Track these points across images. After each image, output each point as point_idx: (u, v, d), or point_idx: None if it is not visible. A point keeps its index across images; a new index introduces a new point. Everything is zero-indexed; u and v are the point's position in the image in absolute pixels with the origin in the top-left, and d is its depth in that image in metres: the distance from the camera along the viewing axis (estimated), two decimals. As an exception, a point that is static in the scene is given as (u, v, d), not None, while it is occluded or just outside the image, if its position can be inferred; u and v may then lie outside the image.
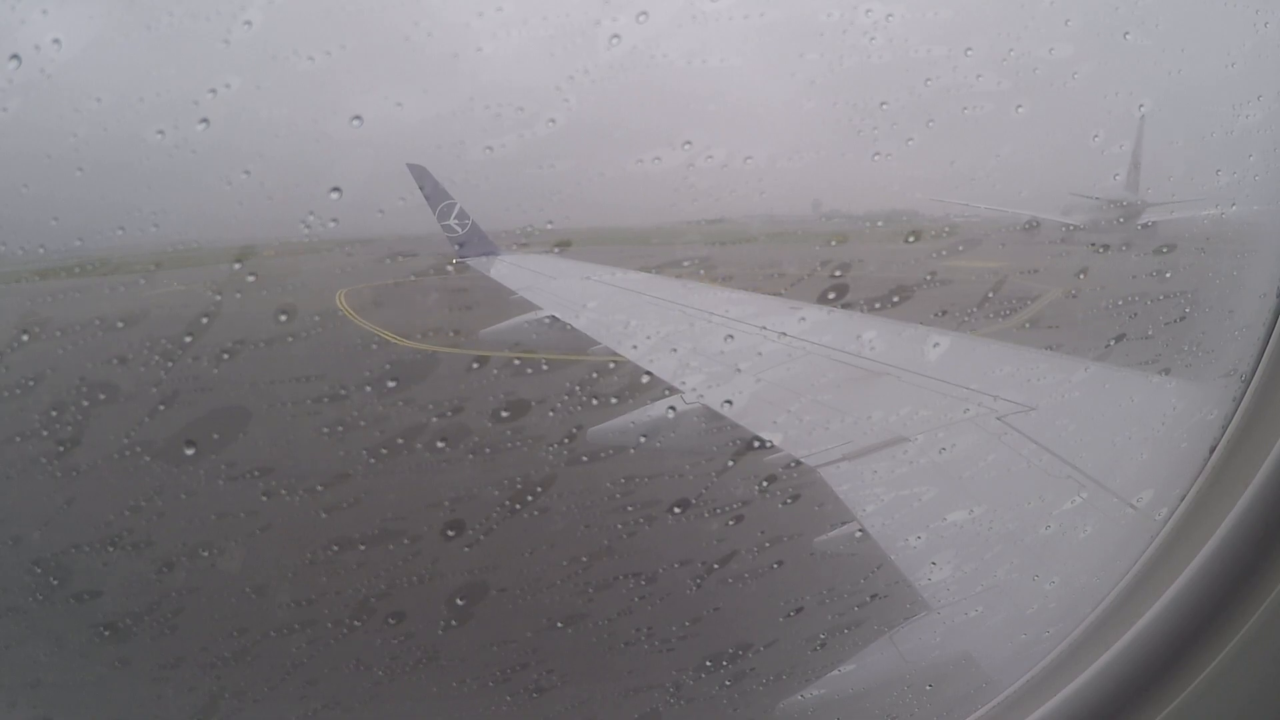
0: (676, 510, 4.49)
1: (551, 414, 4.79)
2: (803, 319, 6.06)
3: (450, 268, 9.16)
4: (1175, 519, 2.00)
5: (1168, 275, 3.97)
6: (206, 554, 4.66)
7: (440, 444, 4.91)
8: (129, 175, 3.25)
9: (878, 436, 4.75)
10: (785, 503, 4.33)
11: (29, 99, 2.80)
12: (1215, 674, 1.63)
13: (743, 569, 4.39)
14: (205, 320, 3.57)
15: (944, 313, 5.79)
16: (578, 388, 5.15)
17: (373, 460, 4.60)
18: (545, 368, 5.16)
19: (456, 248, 10.07)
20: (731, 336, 6.53)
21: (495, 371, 5.37)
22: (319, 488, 4.89)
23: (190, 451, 3.82)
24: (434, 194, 9.22)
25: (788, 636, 4.18)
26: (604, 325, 7.46)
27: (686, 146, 3.89)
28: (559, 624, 4.67)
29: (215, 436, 4.19)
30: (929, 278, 4.61)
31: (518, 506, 4.79)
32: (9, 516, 4.56)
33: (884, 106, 3.79)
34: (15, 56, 2.68)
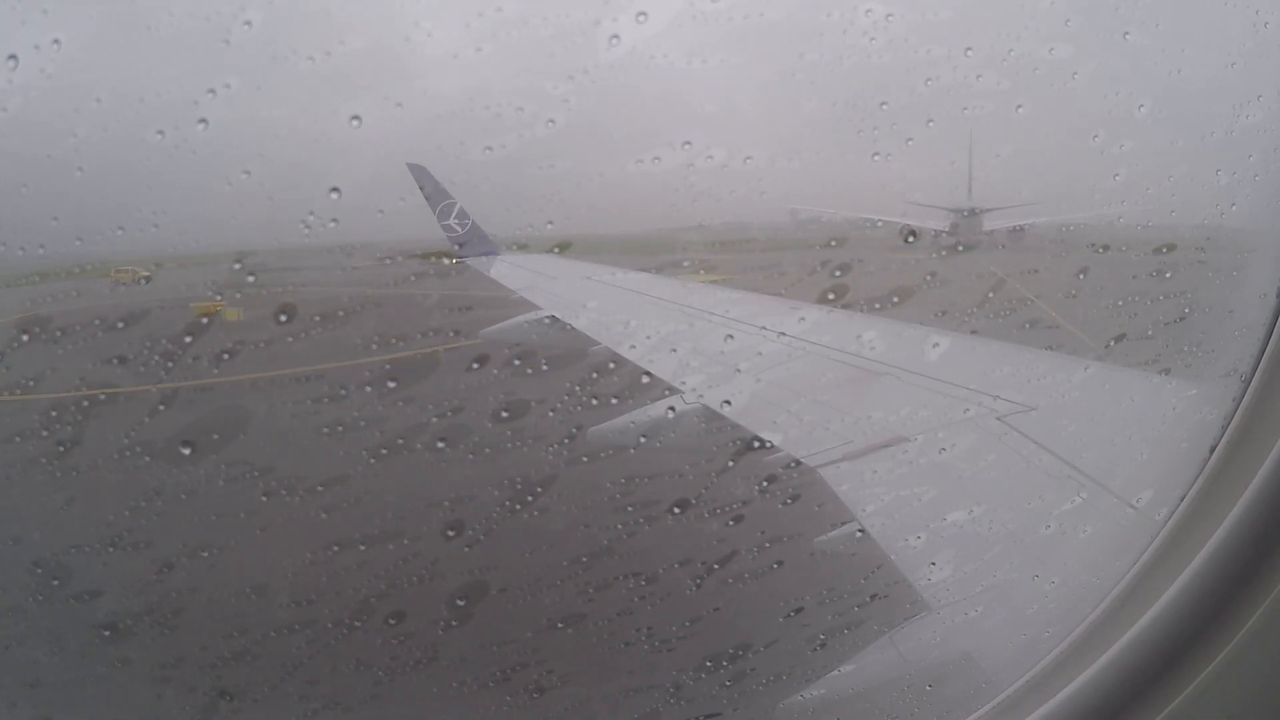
0: (676, 510, 4.48)
1: (552, 414, 4.79)
2: (802, 319, 6.06)
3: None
4: (1175, 519, 2.00)
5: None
6: (206, 554, 4.66)
7: (440, 444, 4.91)
8: (129, 175, 3.26)
9: (878, 436, 4.75)
10: (785, 503, 4.33)
11: (29, 99, 2.80)
12: (1215, 674, 1.63)
13: (743, 569, 4.39)
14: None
15: (944, 313, 5.81)
16: (578, 388, 5.15)
17: (373, 461, 4.60)
18: (545, 368, 5.16)
19: (457, 248, 10.07)
20: (731, 336, 6.53)
21: (495, 371, 5.37)
22: (319, 487, 4.90)
23: (187, 451, 3.82)
24: (434, 194, 9.21)
25: (788, 636, 4.17)
26: (604, 325, 7.45)
27: (686, 147, 3.89)
28: (559, 624, 4.67)
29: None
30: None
31: (518, 506, 4.79)
32: (9, 516, 4.56)
33: (884, 106, 3.80)
34: (14, 56, 2.68)
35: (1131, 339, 4.26)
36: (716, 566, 4.49)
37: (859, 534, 3.82)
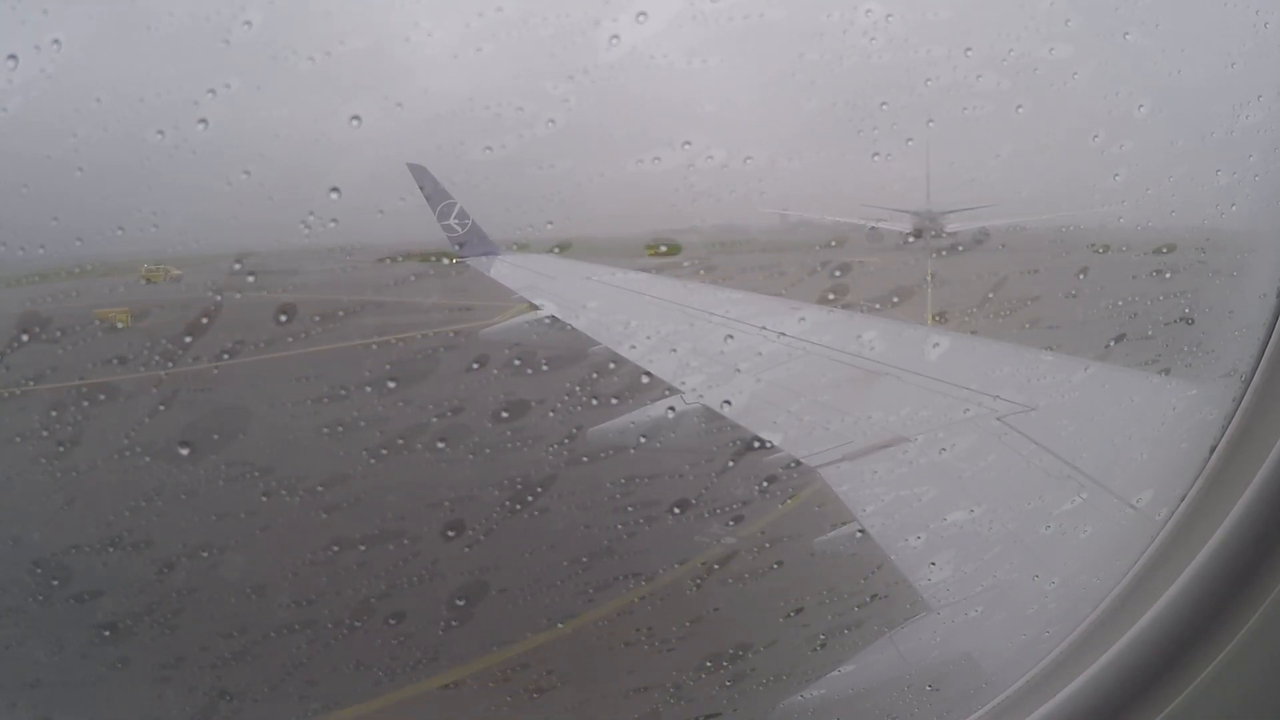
0: (676, 510, 4.49)
1: (552, 414, 4.79)
2: (802, 319, 6.06)
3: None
4: (1175, 519, 2.00)
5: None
6: (206, 554, 4.66)
7: (440, 444, 4.91)
8: (129, 175, 3.25)
9: (878, 436, 4.75)
10: (785, 503, 4.33)
11: (29, 99, 2.80)
12: (1215, 674, 1.63)
13: (743, 569, 4.39)
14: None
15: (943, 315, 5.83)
16: (578, 388, 5.15)
17: (373, 461, 4.60)
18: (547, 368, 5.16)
19: (457, 248, 10.07)
20: (731, 336, 6.53)
21: (495, 371, 5.37)
22: (319, 487, 4.90)
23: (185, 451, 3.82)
24: (434, 194, 9.21)
25: (788, 636, 4.18)
26: (604, 325, 7.45)
27: (686, 147, 3.90)
28: (559, 624, 4.67)
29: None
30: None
31: (518, 506, 4.79)
32: (9, 516, 4.56)
33: (884, 106, 3.80)
34: (13, 56, 2.68)
35: (1131, 339, 4.26)
36: (716, 566, 4.49)
37: (859, 534, 3.82)
